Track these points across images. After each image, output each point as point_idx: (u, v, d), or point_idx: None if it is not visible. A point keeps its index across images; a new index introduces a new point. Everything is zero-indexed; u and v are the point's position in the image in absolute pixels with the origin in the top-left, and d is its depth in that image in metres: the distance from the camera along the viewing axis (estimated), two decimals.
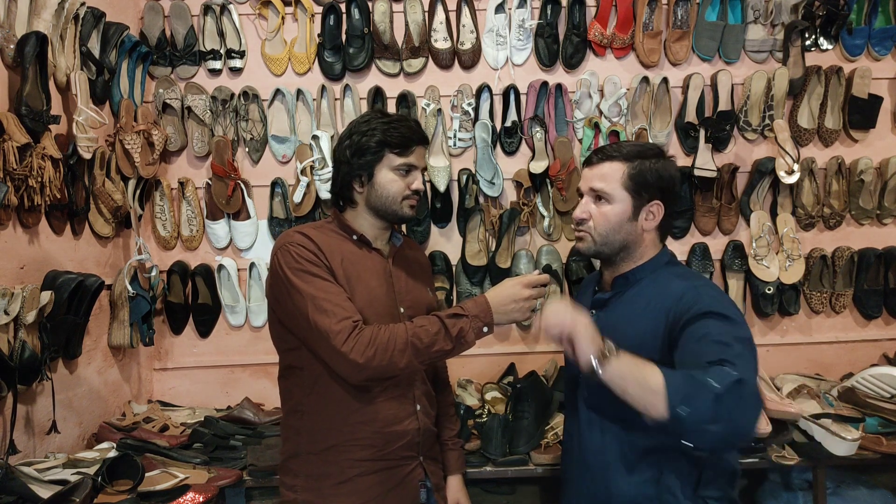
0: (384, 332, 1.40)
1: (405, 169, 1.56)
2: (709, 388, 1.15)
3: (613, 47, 2.50)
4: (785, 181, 2.37)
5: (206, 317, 2.50)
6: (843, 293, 2.50)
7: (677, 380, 1.18)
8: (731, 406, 1.15)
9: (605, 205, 1.47)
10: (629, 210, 1.46)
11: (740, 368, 1.19)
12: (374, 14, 2.46)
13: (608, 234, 1.47)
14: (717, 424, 1.16)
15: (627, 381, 1.20)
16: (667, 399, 1.16)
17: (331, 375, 1.48)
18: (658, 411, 1.17)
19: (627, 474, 1.43)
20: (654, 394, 1.17)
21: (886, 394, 2.13)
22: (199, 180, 2.48)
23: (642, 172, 1.46)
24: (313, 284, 1.44)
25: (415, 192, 1.58)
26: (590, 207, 1.49)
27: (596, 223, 1.48)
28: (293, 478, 1.56)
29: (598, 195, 1.48)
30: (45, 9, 1.90)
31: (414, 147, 1.57)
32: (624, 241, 1.48)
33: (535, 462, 1.99)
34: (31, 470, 1.67)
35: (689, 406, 1.15)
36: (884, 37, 2.49)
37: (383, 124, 1.55)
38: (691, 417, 1.15)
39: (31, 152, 1.75)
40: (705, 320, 1.30)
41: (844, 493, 2.24)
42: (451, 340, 1.41)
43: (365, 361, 1.38)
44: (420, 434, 1.57)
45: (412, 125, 1.59)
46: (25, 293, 1.70)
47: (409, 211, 1.58)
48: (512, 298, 1.44)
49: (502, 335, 2.55)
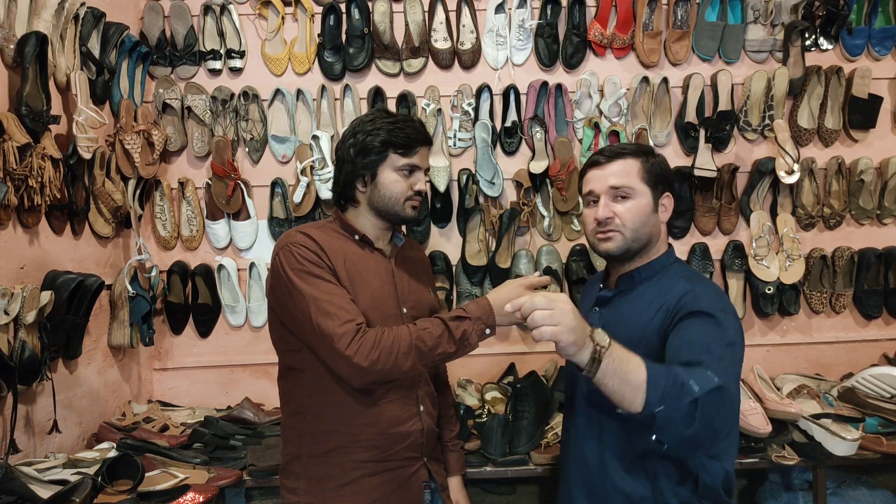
0: (388, 335, 1.40)
1: (408, 169, 1.56)
2: (688, 390, 1.16)
3: (613, 47, 2.50)
4: (785, 181, 2.37)
5: (206, 317, 2.50)
6: (843, 293, 2.50)
7: (659, 378, 1.18)
8: (707, 411, 1.17)
9: (629, 200, 1.48)
10: (651, 202, 1.49)
11: (722, 375, 1.20)
12: (374, 14, 2.46)
13: (638, 229, 1.48)
14: (691, 427, 1.17)
15: (608, 376, 1.19)
16: (645, 395, 1.17)
17: (333, 377, 1.47)
18: (634, 406, 1.18)
19: (624, 473, 1.43)
20: (634, 389, 1.18)
21: (886, 394, 2.13)
22: (199, 180, 2.48)
23: (654, 165, 1.50)
24: (316, 286, 1.43)
25: (417, 193, 1.57)
26: (614, 207, 1.48)
27: (624, 219, 1.47)
28: (295, 480, 1.55)
29: (620, 193, 1.48)
30: (45, 9, 1.90)
31: (418, 148, 1.56)
32: (650, 235, 1.50)
33: (535, 462, 1.99)
34: (31, 470, 1.67)
35: (666, 405, 1.16)
36: (884, 37, 2.49)
37: (388, 124, 1.55)
38: (665, 416, 1.17)
39: (31, 152, 1.75)
40: (697, 319, 1.32)
41: (844, 493, 2.24)
42: (454, 343, 1.41)
43: (369, 365, 1.37)
44: (424, 435, 1.57)
45: (417, 126, 1.58)
46: (25, 293, 1.70)
47: (411, 212, 1.58)
48: (513, 300, 1.44)
49: (502, 335, 2.55)
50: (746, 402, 2.04)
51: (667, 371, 1.20)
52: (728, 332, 1.32)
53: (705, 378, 1.18)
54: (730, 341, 1.31)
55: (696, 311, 1.33)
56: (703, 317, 1.32)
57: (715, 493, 1.42)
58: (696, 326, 1.31)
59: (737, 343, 1.34)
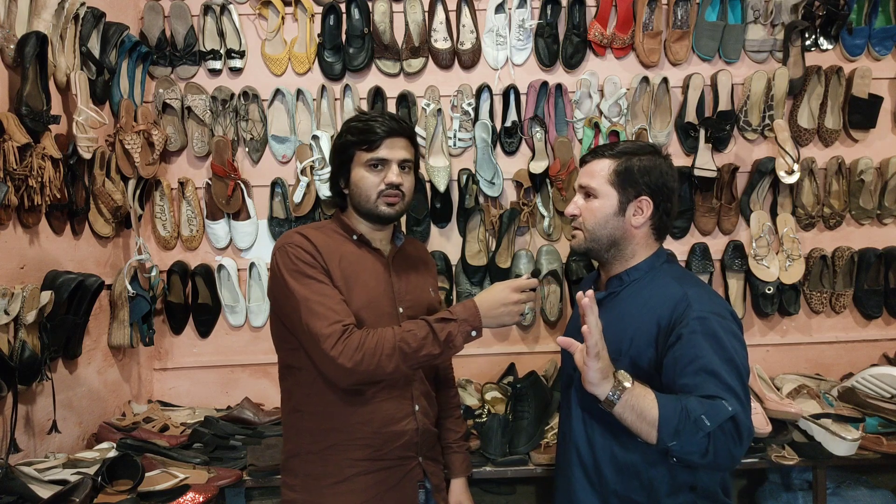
0: (372, 337, 1.41)
1: (374, 163, 1.53)
2: (701, 426, 1.23)
3: (613, 47, 2.50)
4: (785, 181, 2.37)
5: (206, 317, 2.50)
6: (843, 293, 2.50)
7: (672, 415, 1.24)
8: (721, 442, 1.24)
9: (593, 201, 1.50)
10: (615, 205, 1.48)
11: (733, 403, 1.25)
12: (374, 14, 2.46)
13: (595, 230, 1.49)
14: (705, 458, 1.25)
15: (626, 411, 1.27)
16: (658, 432, 1.24)
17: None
18: (649, 439, 1.26)
19: (617, 473, 1.43)
20: (649, 426, 1.25)
21: (886, 394, 2.13)
22: (199, 180, 2.48)
23: (629, 168, 1.48)
24: (308, 286, 1.44)
25: (390, 186, 1.53)
26: (580, 204, 1.52)
27: (584, 218, 1.51)
28: (293, 477, 1.56)
29: (587, 192, 1.51)
30: (45, 9, 1.90)
31: (381, 140, 1.52)
32: (611, 237, 1.49)
33: (535, 462, 1.99)
34: (31, 470, 1.67)
35: (679, 441, 1.23)
36: (884, 37, 2.49)
37: (354, 122, 1.56)
38: (680, 449, 1.25)
39: (31, 152, 1.75)
40: (694, 338, 1.32)
41: (844, 493, 2.24)
42: (439, 345, 1.42)
43: (353, 366, 1.38)
44: (418, 434, 1.57)
45: (381, 119, 1.54)
46: (25, 293, 1.70)
47: (385, 209, 1.54)
48: (501, 302, 1.45)
49: (502, 335, 2.55)
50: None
51: (679, 407, 1.25)
52: (730, 345, 1.33)
53: (718, 410, 1.24)
54: (732, 357, 1.31)
55: (693, 322, 1.33)
56: (705, 335, 1.32)
57: (714, 494, 1.42)
58: (699, 349, 1.31)
59: (739, 354, 1.33)
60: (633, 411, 1.26)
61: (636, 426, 1.27)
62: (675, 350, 1.34)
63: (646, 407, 1.25)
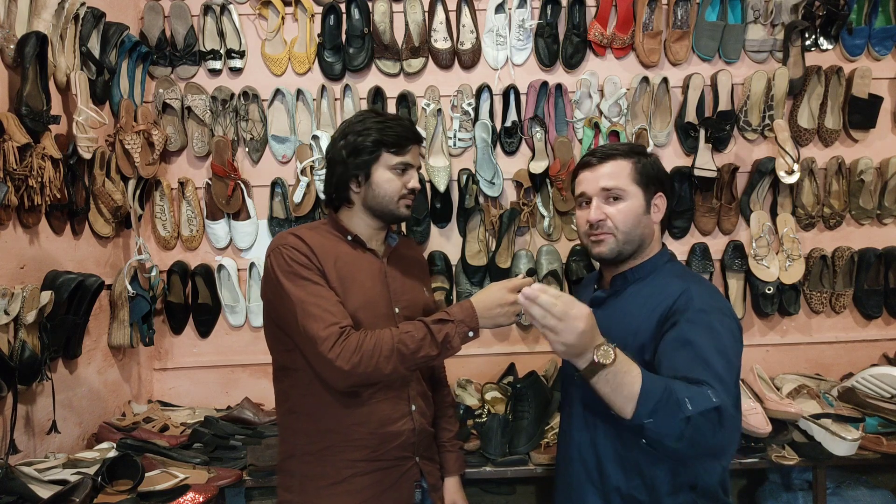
0: (370, 339, 1.40)
1: (402, 168, 1.56)
2: (682, 408, 1.17)
3: (613, 47, 2.50)
4: (785, 181, 2.37)
5: (206, 317, 2.50)
6: (843, 293, 2.50)
7: (654, 391, 1.19)
8: (700, 430, 1.18)
9: (621, 202, 1.47)
10: (643, 204, 1.48)
11: (720, 394, 1.21)
12: (374, 14, 2.46)
13: (630, 231, 1.47)
14: (680, 442, 1.19)
15: (600, 383, 1.21)
16: (635, 406, 1.18)
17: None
18: (623, 413, 1.20)
19: (619, 471, 1.43)
20: (625, 399, 1.19)
21: (886, 394, 2.13)
22: (199, 180, 2.48)
23: (645, 166, 1.49)
24: (304, 288, 1.44)
25: (411, 191, 1.58)
26: (605, 209, 1.48)
27: (616, 221, 1.47)
28: (290, 478, 1.56)
29: (612, 195, 1.48)
30: (45, 9, 1.90)
31: (410, 146, 1.57)
32: (642, 236, 1.49)
33: (535, 462, 1.99)
34: (31, 470, 1.67)
35: (656, 420, 1.18)
36: (884, 37, 2.49)
37: (378, 123, 1.56)
38: (655, 429, 1.19)
39: (31, 152, 1.75)
40: (691, 326, 1.31)
41: (844, 493, 2.24)
42: (436, 346, 1.42)
43: (350, 368, 1.38)
44: (415, 434, 1.57)
45: (407, 124, 1.60)
46: (25, 293, 1.70)
47: (405, 210, 1.59)
48: (497, 303, 1.44)
49: (502, 335, 2.55)
50: (746, 401, 2.04)
51: (664, 385, 1.20)
52: (727, 337, 1.32)
53: (703, 398, 1.19)
54: (727, 348, 1.30)
55: (692, 313, 1.33)
56: (701, 325, 1.31)
57: (714, 493, 1.42)
58: (694, 336, 1.30)
59: (734, 347, 1.33)
60: (607, 384, 1.20)
61: (609, 398, 1.21)
62: (669, 333, 1.33)
63: (626, 381, 1.19)
